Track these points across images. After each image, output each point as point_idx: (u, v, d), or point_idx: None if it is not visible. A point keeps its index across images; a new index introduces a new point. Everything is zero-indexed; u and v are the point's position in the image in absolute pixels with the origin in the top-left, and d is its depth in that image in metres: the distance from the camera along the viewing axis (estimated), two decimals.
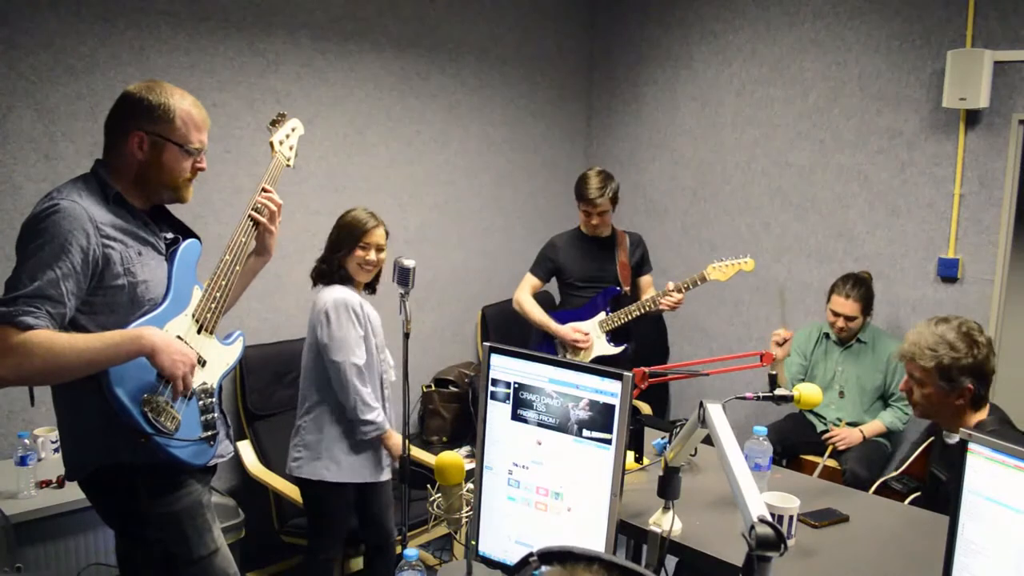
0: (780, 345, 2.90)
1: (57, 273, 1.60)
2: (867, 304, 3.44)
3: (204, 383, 1.86)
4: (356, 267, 2.69)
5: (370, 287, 2.82)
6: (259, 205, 2.03)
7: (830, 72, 3.86)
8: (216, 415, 1.89)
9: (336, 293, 2.65)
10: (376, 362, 2.74)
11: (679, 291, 3.28)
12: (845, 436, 3.36)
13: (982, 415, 2.10)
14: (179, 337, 1.78)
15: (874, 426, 3.40)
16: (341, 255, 2.69)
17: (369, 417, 2.64)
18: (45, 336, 1.57)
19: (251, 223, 2.02)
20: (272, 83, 3.43)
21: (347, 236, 2.68)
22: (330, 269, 2.70)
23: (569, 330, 3.46)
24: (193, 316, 1.85)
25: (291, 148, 2.20)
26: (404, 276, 2.60)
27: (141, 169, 1.79)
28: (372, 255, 2.68)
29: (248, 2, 3.32)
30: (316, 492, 2.72)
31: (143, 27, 3.04)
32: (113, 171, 1.79)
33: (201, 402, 1.84)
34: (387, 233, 2.76)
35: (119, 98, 1.80)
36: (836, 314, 3.44)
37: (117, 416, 1.67)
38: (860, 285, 3.43)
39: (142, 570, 1.88)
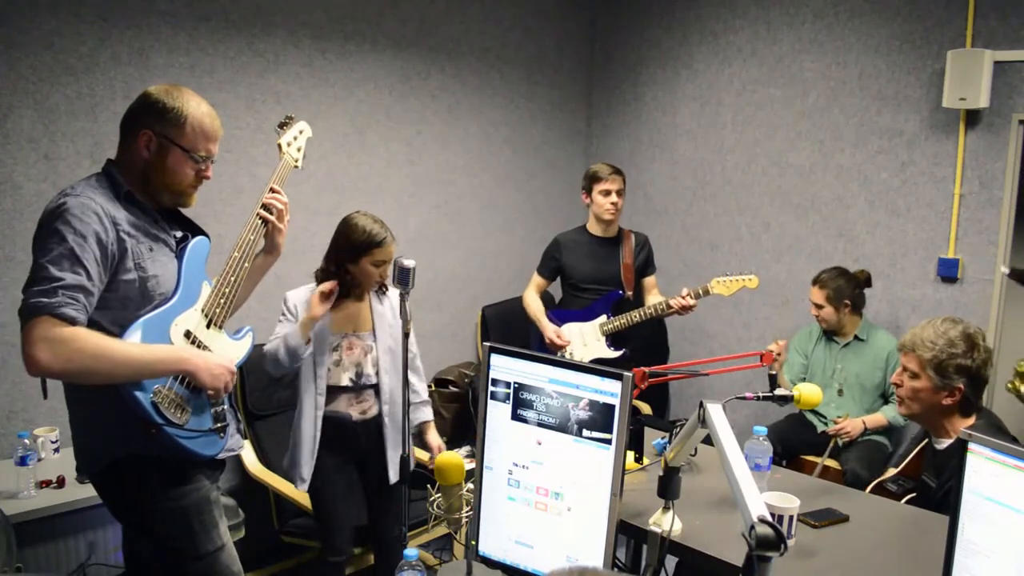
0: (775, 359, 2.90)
1: (85, 264, 1.64)
2: (836, 295, 3.46)
3: None
4: (367, 278, 2.67)
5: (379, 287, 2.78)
6: (268, 204, 2.07)
7: (830, 72, 3.85)
8: (226, 407, 1.92)
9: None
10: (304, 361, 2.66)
11: (695, 297, 3.29)
12: (850, 428, 3.36)
13: (970, 421, 2.09)
14: (188, 331, 1.81)
15: (876, 418, 3.40)
16: (348, 262, 2.64)
17: None
18: (96, 338, 1.62)
19: (260, 221, 2.05)
20: (272, 83, 3.43)
21: (360, 246, 2.62)
22: (330, 276, 2.66)
23: (552, 332, 3.50)
24: (203, 311, 1.87)
25: (299, 150, 2.24)
26: (404, 276, 2.59)
27: (146, 168, 1.81)
28: (386, 271, 2.66)
29: (248, 2, 3.32)
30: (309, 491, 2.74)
31: (143, 27, 3.04)
32: (123, 169, 1.82)
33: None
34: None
35: (138, 97, 1.83)
36: (812, 303, 3.55)
37: (129, 408, 1.69)
38: (834, 276, 3.47)
39: (149, 565, 1.89)
